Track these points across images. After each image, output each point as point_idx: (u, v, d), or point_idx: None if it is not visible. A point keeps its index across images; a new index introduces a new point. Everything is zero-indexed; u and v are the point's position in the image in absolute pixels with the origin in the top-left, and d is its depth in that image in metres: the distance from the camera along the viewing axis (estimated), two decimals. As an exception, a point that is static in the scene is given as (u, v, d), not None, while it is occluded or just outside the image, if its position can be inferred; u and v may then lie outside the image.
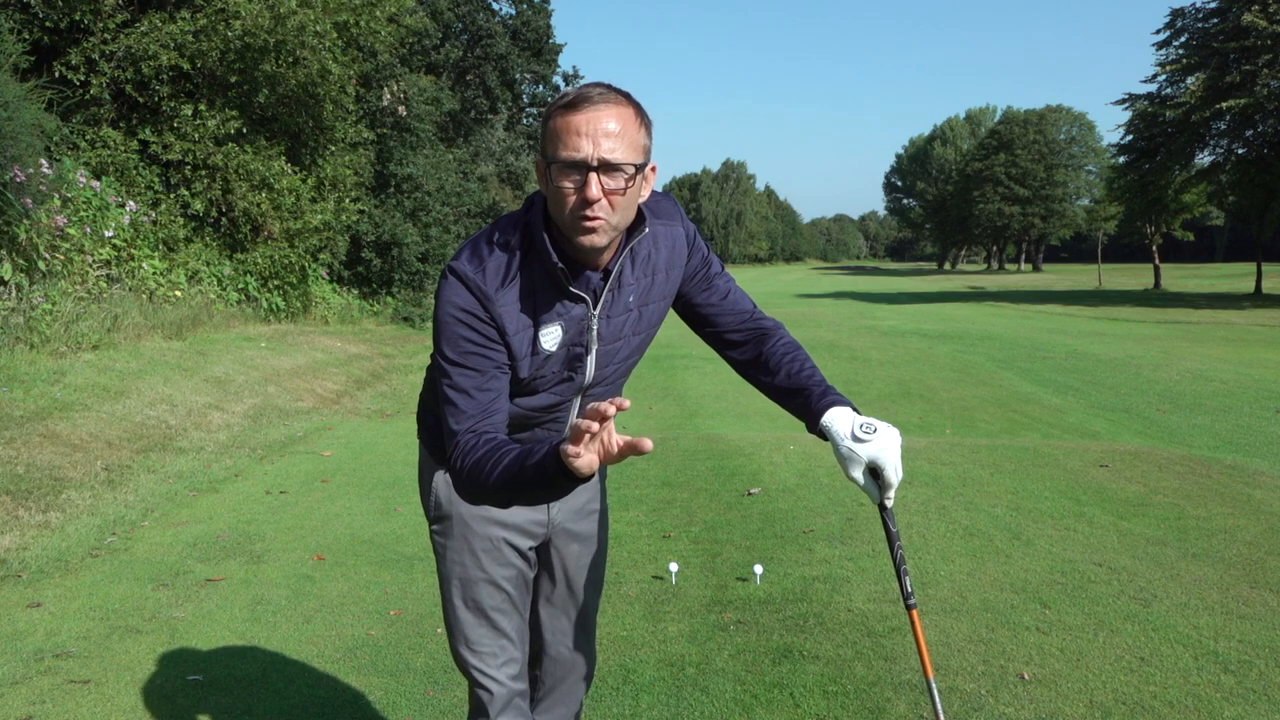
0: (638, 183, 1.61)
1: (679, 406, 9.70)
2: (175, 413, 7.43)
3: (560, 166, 1.54)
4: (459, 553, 1.91)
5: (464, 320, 1.63)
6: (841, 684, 3.03)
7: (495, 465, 1.52)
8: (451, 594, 1.92)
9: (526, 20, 28.48)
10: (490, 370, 1.65)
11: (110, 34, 11.49)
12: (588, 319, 1.73)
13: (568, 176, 1.55)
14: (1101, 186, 59.11)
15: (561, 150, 1.54)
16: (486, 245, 1.68)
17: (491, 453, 1.55)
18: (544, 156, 1.58)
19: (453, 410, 1.64)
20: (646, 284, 1.81)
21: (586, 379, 1.81)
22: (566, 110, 1.55)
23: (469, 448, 1.59)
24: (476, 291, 1.63)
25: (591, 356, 1.78)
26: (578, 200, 1.55)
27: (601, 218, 1.57)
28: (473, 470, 1.56)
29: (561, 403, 1.83)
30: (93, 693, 3.07)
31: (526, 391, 1.76)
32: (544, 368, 1.73)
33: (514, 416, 1.77)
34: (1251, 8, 28.80)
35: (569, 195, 1.55)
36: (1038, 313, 26.89)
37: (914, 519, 4.82)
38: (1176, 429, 8.33)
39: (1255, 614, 3.54)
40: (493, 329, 1.64)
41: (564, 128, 1.54)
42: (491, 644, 1.92)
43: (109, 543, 4.73)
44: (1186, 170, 34.28)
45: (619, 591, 3.92)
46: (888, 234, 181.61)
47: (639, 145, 1.59)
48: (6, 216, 7.81)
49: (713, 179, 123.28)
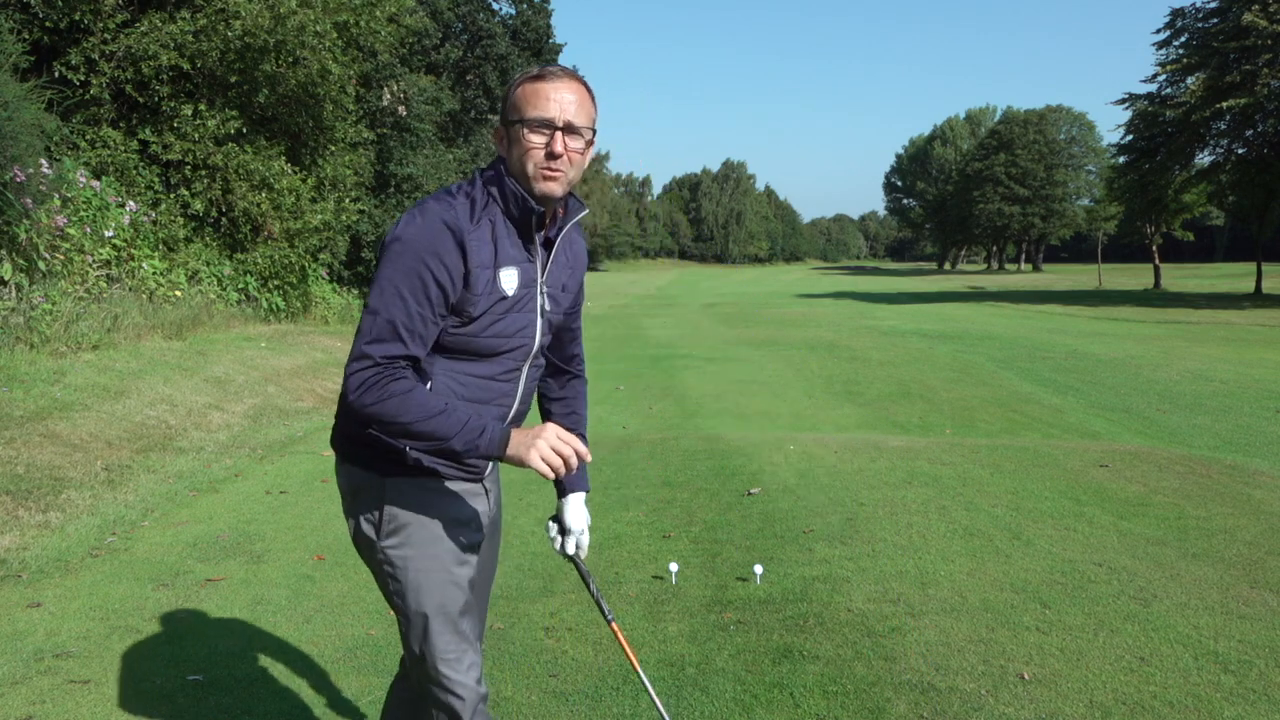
0: (588, 151, 1.86)
1: (679, 406, 9.70)
2: (175, 413, 7.43)
3: (532, 125, 1.78)
4: (424, 559, 1.90)
5: (424, 256, 1.74)
6: (841, 684, 3.03)
7: (431, 409, 1.72)
8: (420, 605, 1.89)
9: (526, 20, 28.47)
10: (429, 316, 1.77)
11: (110, 34, 11.48)
12: (536, 277, 1.90)
13: (537, 133, 1.79)
14: (1101, 186, 59.11)
15: (532, 111, 1.79)
16: (449, 195, 1.82)
17: (427, 395, 1.75)
18: (508, 120, 1.82)
19: (381, 332, 1.73)
20: (569, 271, 2.02)
21: (535, 342, 1.93)
22: (535, 80, 1.81)
23: (395, 375, 1.73)
24: (452, 225, 1.77)
25: (539, 317, 1.92)
26: (545, 154, 1.79)
27: (562, 171, 1.82)
28: (401, 399, 1.71)
29: (514, 370, 1.93)
30: (93, 693, 3.07)
31: (486, 354, 1.87)
32: (501, 319, 1.85)
33: (473, 389, 1.88)
34: (1251, 7, 28.79)
35: (536, 150, 1.80)
36: (1038, 313, 26.89)
37: (914, 519, 4.82)
38: (1176, 429, 8.33)
39: (1255, 614, 3.54)
40: (446, 274, 1.76)
41: (533, 94, 1.79)
42: (458, 649, 1.91)
43: (109, 543, 4.73)
44: (1186, 170, 34.28)
45: (619, 591, 3.92)
46: (888, 234, 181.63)
47: (591, 117, 1.86)
48: (6, 216, 7.81)
49: (713, 179, 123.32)
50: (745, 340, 17.19)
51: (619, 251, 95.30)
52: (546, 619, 3.64)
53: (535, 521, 4.95)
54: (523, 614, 3.70)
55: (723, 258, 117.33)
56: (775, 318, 23.48)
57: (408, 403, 1.72)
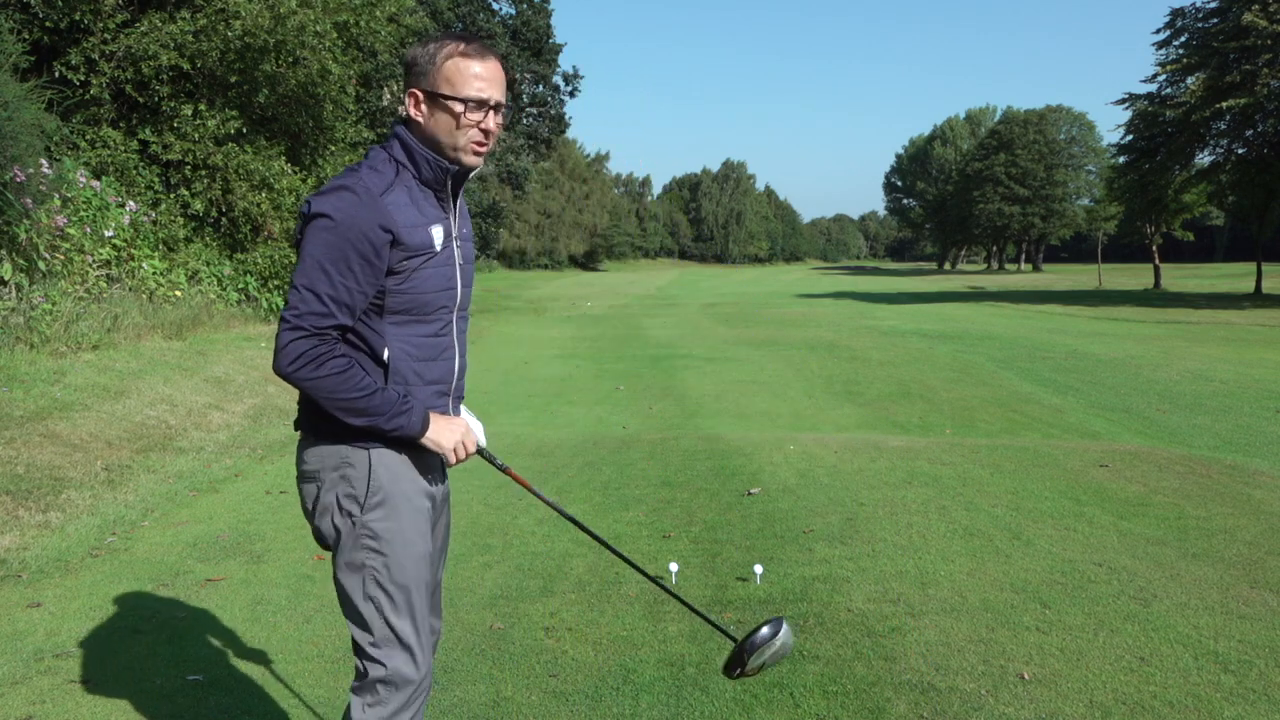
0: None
1: (679, 406, 9.70)
2: (175, 413, 7.43)
3: (470, 105, 1.89)
4: (404, 532, 1.94)
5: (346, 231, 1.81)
6: (841, 684, 3.03)
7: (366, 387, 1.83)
8: (404, 579, 1.93)
9: (526, 20, 28.48)
10: (354, 287, 1.84)
11: (110, 34, 11.49)
12: (451, 232, 2.01)
13: (475, 112, 1.90)
14: (1101, 186, 59.09)
15: (468, 90, 1.89)
16: (353, 172, 1.89)
17: (362, 374, 1.85)
18: (434, 93, 1.89)
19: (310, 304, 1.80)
20: (467, 223, 2.13)
21: (459, 292, 2.03)
22: (469, 57, 1.90)
23: (332, 350, 1.82)
24: (363, 193, 1.84)
25: (458, 269, 2.01)
26: (478, 131, 1.92)
27: (489, 145, 1.97)
28: (340, 376, 1.81)
29: (448, 324, 2.02)
30: (93, 693, 3.07)
31: (427, 311, 1.96)
32: (433, 273, 1.94)
33: (423, 349, 1.97)
34: (1251, 7, 28.76)
35: (471, 128, 1.92)
36: (1038, 313, 26.88)
37: (914, 519, 4.82)
38: (1176, 429, 8.33)
39: (1255, 614, 3.54)
40: (369, 245, 1.83)
41: (468, 72, 1.89)
42: (421, 623, 1.96)
43: (109, 543, 4.73)
44: (1186, 170, 34.25)
45: (619, 591, 3.92)
46: (888, 234, 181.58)
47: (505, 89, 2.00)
48: (6, 216, 7.81)
49: (713, 179, 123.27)
50: (745, 340, 17.19)
51: (619, 251, 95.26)
52: (546, 619, 3.64)
53: (535, 521, 4.95)
54: (523, 614, 3.70)
55: (723, 258, 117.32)
56: (775, 318, 23.47)
57: (346, 380, 1.82)
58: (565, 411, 9.54)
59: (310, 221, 1.83)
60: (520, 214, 66.68)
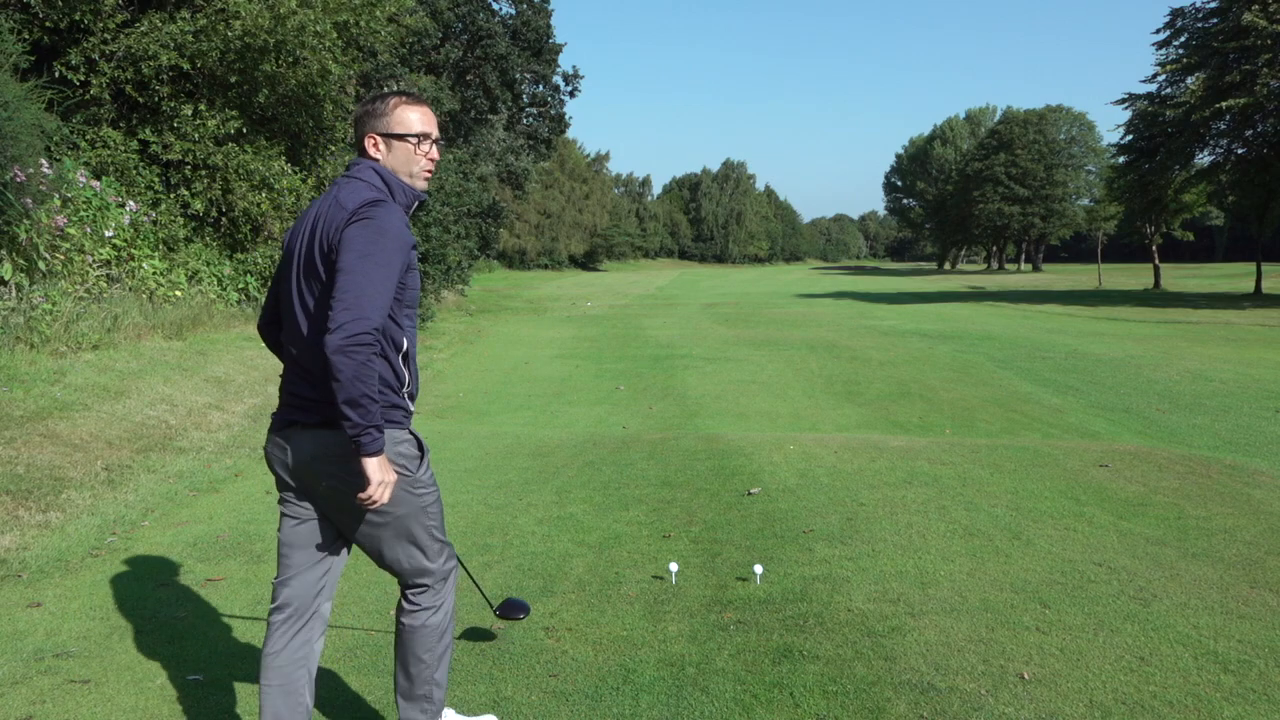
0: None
1: (679, 406, 9.70)
2: (175, 413, 7.43)
3: (421, 140, 2.43)
4: (433, 480, 2.47)
5: (404, 247, 2.27)
6: (841, 684, 3.03)
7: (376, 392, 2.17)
8: (436, 518, 2.47)
9: (526, 20, 28.47)
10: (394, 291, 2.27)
11: (110, 34, 11.48)
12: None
13: (423, 145, 2.44)
14: (1101, 186, 59.03)
15: (418, 128, 2.43)
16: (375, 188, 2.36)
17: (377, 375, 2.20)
18: (389, 134, 2.40)
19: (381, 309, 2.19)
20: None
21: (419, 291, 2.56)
22: (411, 105, 2.44)
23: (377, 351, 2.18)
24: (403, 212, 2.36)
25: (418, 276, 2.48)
26: (427, 161, 2.46)
27: (432, 170, 2.50)
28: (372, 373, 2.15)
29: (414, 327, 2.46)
30: (93, 693, 3.08)
31: (413, 304, 2.40)
32: (417, 275, 2.40)
33: (411, 333, 2.39)
34: (1251, 7, 28.77)
35: (422, 158, 2.45)
36: (1038, 313, 26.89)
37: (914, 519, 4.82)
38: (1176, 429, 8.33)
39: (1255, 614, 3.54)
40: (409, 258, 2.31)
41: (415, 115, 2.43)
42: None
43: (109, 543, 4.73)
44: (1186, 170, 34.26)
45: (619, 591, 3.92)
46: (888, 234, 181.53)
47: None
48: (6, 216, 7.80)
49: (713, 179, 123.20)
50: (745, 340, 17.19)
51: (619, 252, 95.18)
52: (546, 619, 3.64)
53: (535, 521, 4.95)
54: (523, 614, 3.69)
55: (723, 258, 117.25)
56: (775, 318, 23.47)
57: (374, 378, 2.18)
58: (565, 411, 9.54)
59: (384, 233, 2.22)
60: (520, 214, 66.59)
